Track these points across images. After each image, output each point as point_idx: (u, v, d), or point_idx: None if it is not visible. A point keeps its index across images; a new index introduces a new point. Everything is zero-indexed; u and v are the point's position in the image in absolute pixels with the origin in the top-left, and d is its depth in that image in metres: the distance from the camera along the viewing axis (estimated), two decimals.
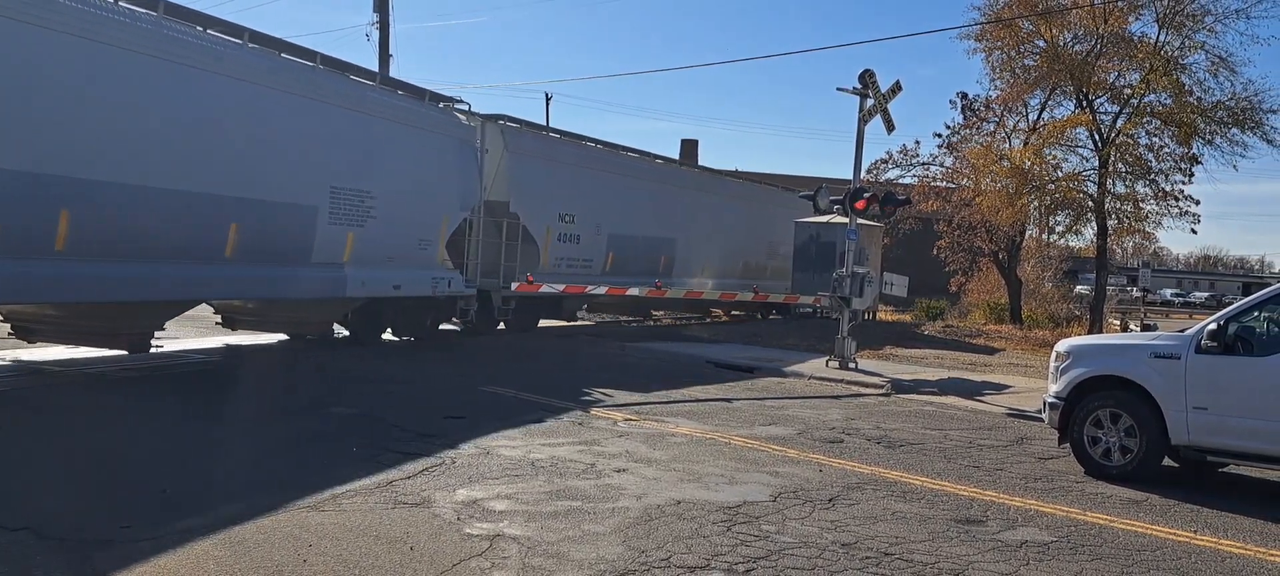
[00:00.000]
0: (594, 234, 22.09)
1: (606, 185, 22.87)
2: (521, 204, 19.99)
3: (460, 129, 18.59)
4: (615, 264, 22.77)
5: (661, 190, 25.37)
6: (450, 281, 17.89)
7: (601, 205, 22.34)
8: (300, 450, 8.83)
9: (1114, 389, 9.64)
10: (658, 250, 24.77)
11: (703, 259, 26.75)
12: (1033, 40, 29.13)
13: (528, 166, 20.33)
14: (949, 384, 16.48)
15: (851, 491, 8.32)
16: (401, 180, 16.30)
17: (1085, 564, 6.69)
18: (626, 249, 23.26)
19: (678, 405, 12.71)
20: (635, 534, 6.71)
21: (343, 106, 15.29)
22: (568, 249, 21.32)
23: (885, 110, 18.73)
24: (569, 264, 21.44)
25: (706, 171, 29.11)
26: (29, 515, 6.36)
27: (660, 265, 24.80)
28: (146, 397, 11.28)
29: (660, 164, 26.53)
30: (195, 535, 6.16)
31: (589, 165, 22.57)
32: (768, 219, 30.35)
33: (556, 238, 20.92)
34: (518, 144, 20.26)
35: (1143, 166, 27.69)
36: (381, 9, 30.67)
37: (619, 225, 23.07)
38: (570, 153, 22.31)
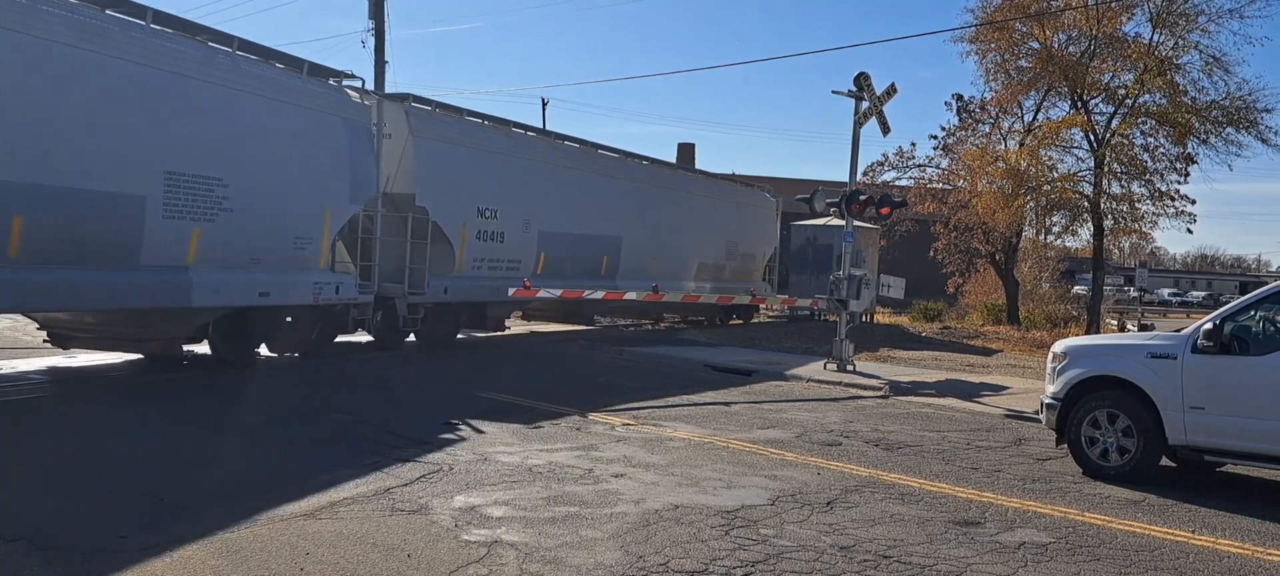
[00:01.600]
0: (522, 231, 19.67)
1: (538, 177, 20.36)
2: (431, 197, 17.31)
3: (350, 108, 15.84)
4: (549, 265, 20.46)
5: (605, 184, 22.88)
6: (338, 287, 15.42)
7: (532, 199, 19.92)
8: (297, 457, 8.82)
9: (1111, 389, 9.65)
10: (600, 250, 22.42)
11: (652, 259, 24.30)
12: (1027, 42, 29.19)
13: (439, 154, 17.72)
14: (947, 385, 16.48)
15: (850, 494, 8.31)
16: (269, 166, 13.85)
17: (1083, 564, 6.68)
18: (562, 248, 20.87)
19: (675, 409, 12.71)
20: (633, 539, 6.70)
21: (186, 75, 12.57)
22: (489, 248, 18.74)
23: (881, 113, 18.75)
24: (491, 265, 18.94)
25: (659, 164, 26.53)
26: (23, 525, 6.35)
27: (602, 266, 22.57)
28: (140, 404, 11.25)
29: (604, 155, 23.86)
30: (191, 543, 6.14)
31: (517, 154, 20.01)
32: (728, 216, 28.48)
33: (475, 235, 18.29)
34: (426, 128, 17.63)
35: (1138, 166, 27.75)
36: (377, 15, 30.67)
37: (553, 221, 20.55)
38: (493, 139, 19.68)
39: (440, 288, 17.67)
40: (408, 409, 11.64)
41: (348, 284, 15.75)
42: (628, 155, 24.81)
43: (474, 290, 18.69)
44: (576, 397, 13.00)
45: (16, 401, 11.19)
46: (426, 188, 17.26)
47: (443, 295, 17.82)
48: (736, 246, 28.61)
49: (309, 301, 15.01)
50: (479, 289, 18.73)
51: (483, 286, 18.72)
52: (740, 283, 28.51)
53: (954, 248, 32.70)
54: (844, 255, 18.46)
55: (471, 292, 18.66)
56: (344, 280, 15.68)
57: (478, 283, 18.65)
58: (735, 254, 28.60)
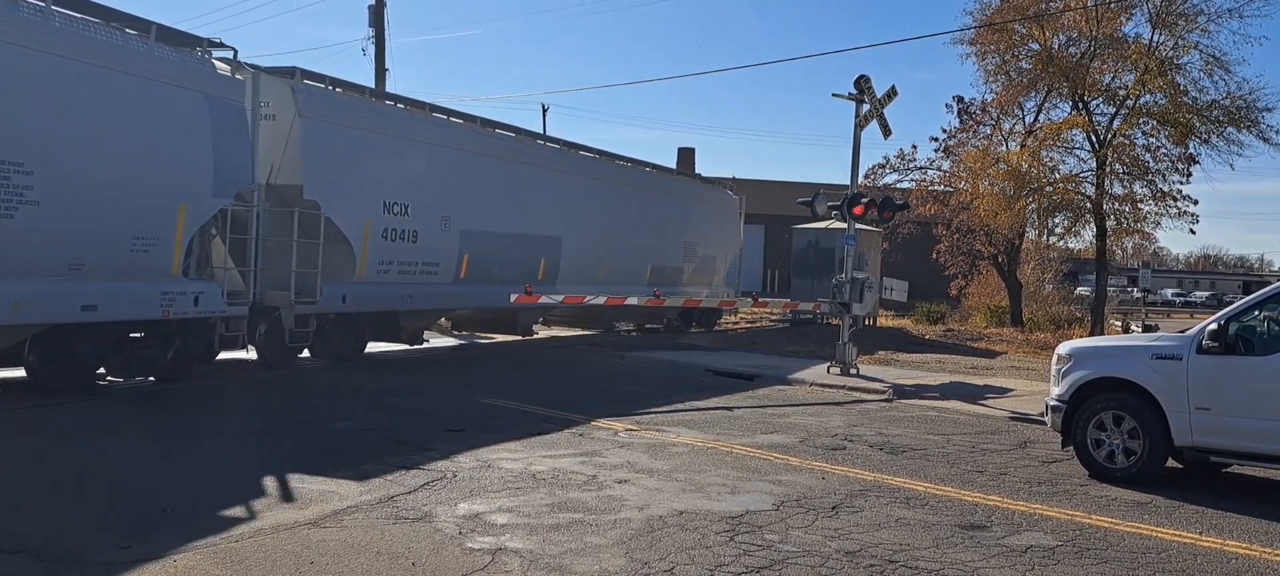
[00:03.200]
0: (440, 230, 17.42)
1: (460, 168, 18.15)
2: (324, 189, 14.93)
3: (215, 81, 13.26)
4: (473, 269, 18.28)
5: (543, 178, 20.61)
6: (198, 297, 12.94)
7: (453, 194, 17.76)
8: (300, 465, 8.78)
9: (1116, 391, 9.61)
10: (536, 251, 20.28)
11: (599, 262, 22.34)
12: (1026, 43, 29.18)
13: (335, 139, 15.28)
14: (951, 388, 16.45)
15: (855, 498, 8.28)
16: (95, 150, 11.55)
17: (1091, 567, 6.65)
18: (489, 250, 18.64)
19: (678, 414, 12.68)
20: (638, 545, 6.67)
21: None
22: (399, 250, 16.50)
23: (881, 115, 18.74)
24: (402, 268, 16.72)
25: (607, 156, 24.04)
26: (25, 537, 6.33)
27: (539, 269, 20.39)
28: (144, 416, 11.23)
29: (543, 146, 21.78)
30: (195, 552, 6.12)
31: (436, 142, 17.80)
32: (686, 215, 26.53)
33: (380, 234, 16.06)
34: (318, 108, 15.16)
35: (1140, 167, 27.71)
36: (377, 24, 30.71)
37: (478, 219, 18.37)
38: (405, 124, 17.43)
39: (337, 295, 15.45)
40: (410, 415, 11.61)
41: (211, 294, 13.27)
42: (569, 146, 22.62)
43: (381, 297, 16.54)
44: (578, 403, 12.97)
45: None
46: (318, 178, 14.89)
47: (340, 304, 15.59)
48: (695, 247, 26.79)
49: (156, 315, 12.41)
50: (387, 296, 16.63)
51: (392, 293, 16.68)
52: (701, 287, 26.79)
53: (956, 250, 32.66)
54: (846, 258, 18.43)
55: (378, 300, 16.51)
56: (205, 289, 13.20)
57: (385, 289, 16.48)
58: (694, 255, 26.75)
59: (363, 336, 17.26)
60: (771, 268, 52.04)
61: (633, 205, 23.97)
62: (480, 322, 21.74)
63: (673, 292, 24.91)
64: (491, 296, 19.37)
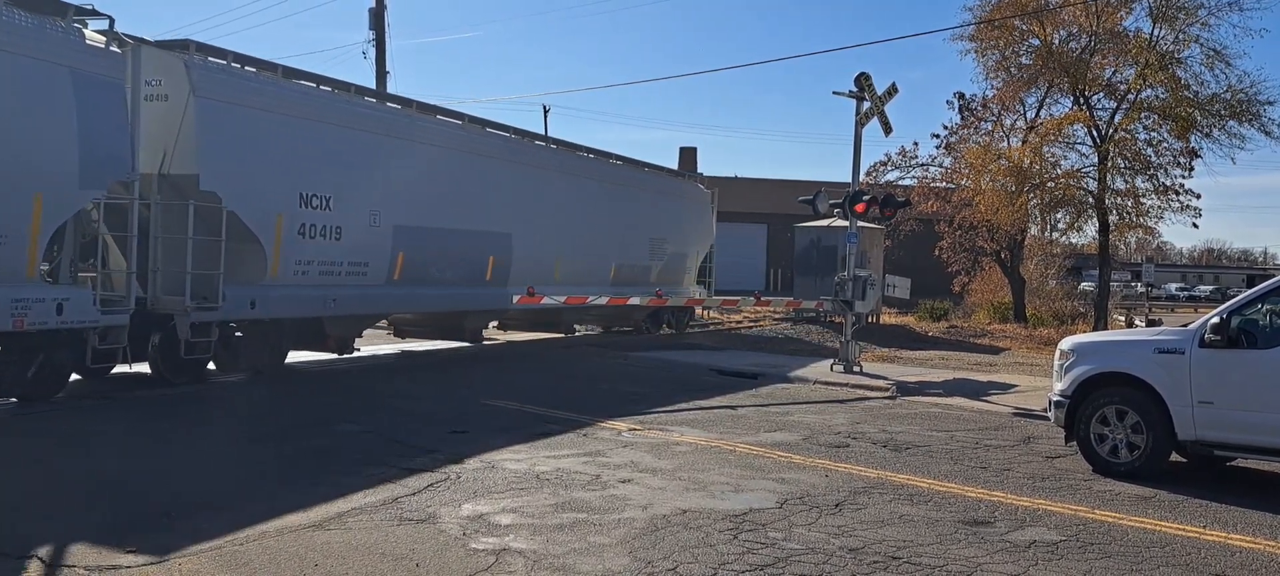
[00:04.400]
0: (368, 226, 15.62)
1: (395, 158, 16.25)
2: (225, 178, 13.15)
3: (83, 54, 11.62)
4: (409, 269, 16.58)
5: (491, 170, 18.70)
6: (62, 304, 11.31)
7: (384, 185, 15.92)
8: (304, 468, 8.80)
9: (1119, 386, 9.61)
10: (483, 249, 18.51)
11: (555, 261, 20.56)
12: (1027, 39, 29.18)
13: (238, 122, 13.46)
14: (954, 385, 16.45)
15: (858, 496, 8.29)
16: None
17: (1095, 562, 6.65)
18: (428, 247, 16.98)
19: (682, 413, 12.69)
20: (642, 544, 6.68)
21: None
22: (320, 248, 14.67)
23: (882, 113, 18.74)
24: (325, 269, 14.90)
25: (564, 147, 22.16)
26: (28, 540, 6.35)
27: (487, 269, 18.66)
28: (149, 419, 11.25)
29: (492, 134, 19.61)
30: (199, 555, 6.14)
31: (360, 126, 15.72)
32: (653, 210, 24.53)
33: (297, 231, 14.23)
34: (217, 86, 13.26)
35: (1142, 161, 27.72)
36: (377, 26, 30.77)
37: (414, 214, 16.66)
38: (323, 106, 15.26)
39: (243, 300, 13.72)
40: (413, 417, 11.63)
41: (78, 301, 11.59)
42: (523, 135, 20.75)
43: (299, 301, 14.66)
44: (581, 404, 12.98)
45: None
46: (219, 167, 13.11)
47: (247, 310, 13.85)
48: (664, 244, 24.87)
49: (8, 327, 10.82)
50: (307, 300, 14.76)
51: (312, 297, 14.80)
52: (670, 286, 24.87)
53: (959, 247, 32.65)
54: (848, 256, 18.44)
55: (295, 305, 14.64)
56: (70, 295, 11.54)
57: (304, 292, 14.63)
58: (662, 253, 24.83)
59: (281, 346, 15.22)
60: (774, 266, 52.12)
61: (594, 199, 22.10)
62: (424, 328, 19.77)
63: (642, 292, 22.94)
64: (432, 299, 17.80)
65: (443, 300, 18.00)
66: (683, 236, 25.99)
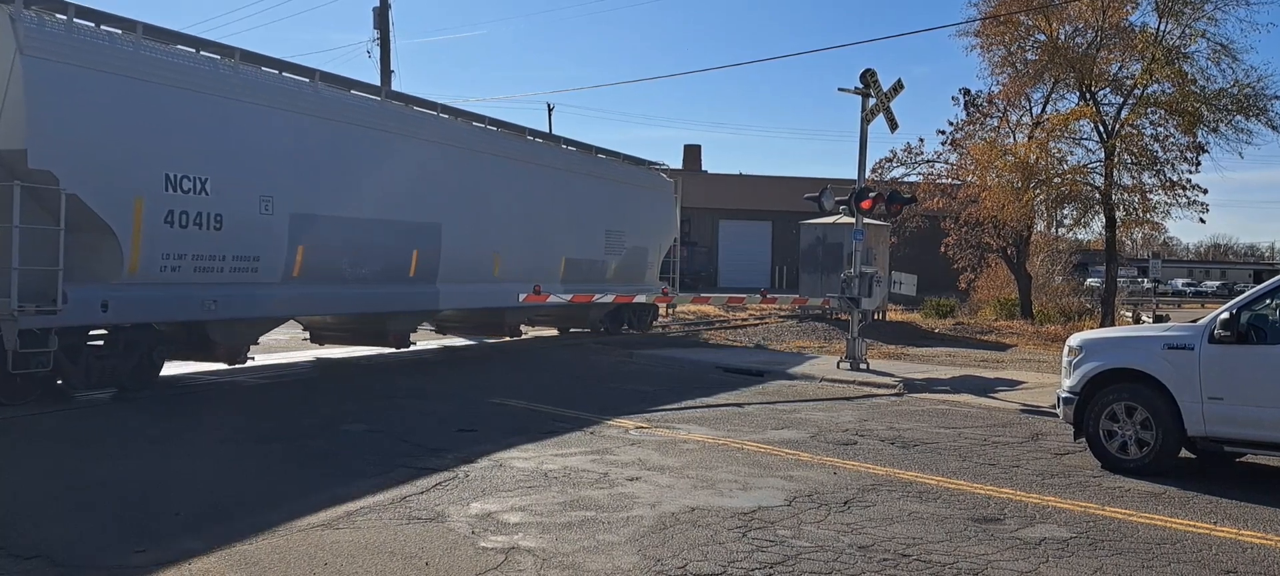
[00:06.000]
0: (258, 214, 13.48)
1: (289, 135, 14.07)
2: (64, 155, 11.09)
3: None
4: (311, 265, 14.40)
5: (414, 151, 16.55)
6: None
7: (276, 167, 13.78)
8: (313, 467, 8.82)
9: (1128, 382, 9.58)
10: (406, 241, 16.40)
11: (491, 254, 18.57)
12: (1032, 35, 29.10)
13: (82, 88, 11.32)
14: (961, 382, 16.41)
15: (867, 493, 8.27)
16: None
17: (1105, 559, 6.63)
18: (335, 239, 14.84)
19: (689, 411, 12.68)
20: (650, 542, 6.68)
21: None
22: (194, 239, 12.57)
23: (887, 109, 18.70)
24: (202, 264, 12.78)
25: (506, 129, 19.85)
26: (41, 542, 6.37)
27: (410, 264, 16.53)
28: (155, 420, 11.27)
29: (412, 112, 17.36)
30: (209, 556, 6.14)
31: (245, 96, 13.46)
32: (608, 200, 22.55)
33: (162, 218, 12.11)
34: (53, 45, 11.09)
35: (1149, 157, 27.60)
36: (382, 26, 30.83)
37: (317, 201, 14.44)
38: (198, 73, 12.88)
39: (93, 302, 11.67)
40: (421, 416, 11.64)
41: None
42: (456, 114, 18.59)
43: (169, 303, 12.55)
44: (588, 402, 12.98)
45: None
46: (55, 140, 11.04)
47: (99, 314, 11.73)
48: (621, 238, 22.85)
49: None
50: (179, 302, 12.65)
51: (186, 298, 12.69)
52: (628, 284, 22.98)
53: (965, 243, 32.59)
54: (854, 253, 18.41)
55: (163, 307, 12.57)
56: None
57: (176, 292, 12.53)
58: (619, 248, 22.84)
59: (152, 356, 13.04)
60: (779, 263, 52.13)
61: (541, 188, 20.03)
62: (344, 332, 17.51)
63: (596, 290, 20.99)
64: (343, 299, 15.57)
65: (356, 301, 15.76)
66: (642, 229, 24.01)
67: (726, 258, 53.44)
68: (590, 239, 21.91)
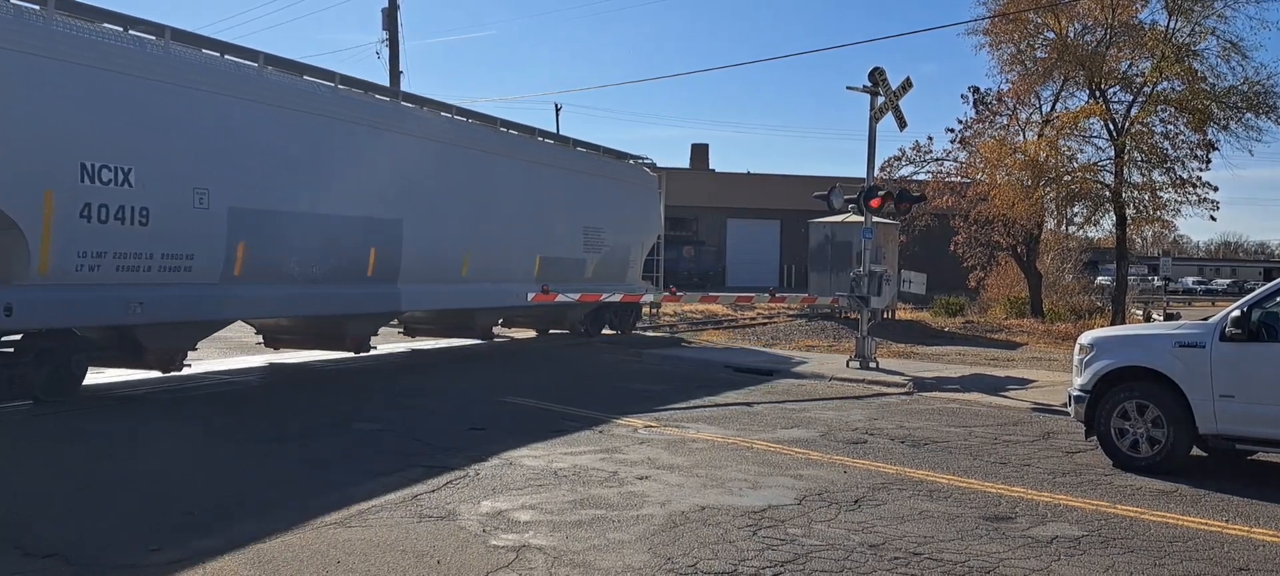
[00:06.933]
0: (191, 207, 12.36)
1: (228, 122, 12.97)
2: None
3: None
4: (256, 262, 13.35)
5: (372, 141, 15.39)
6: None
7: (211, 156, 12.67)
8: (324, 466, 8.85)
9: (1139, 380, 9.54)
10: (362, 238, 15.25)
11: (459, 252, 17.50)
12: (1041, 33, 29.03)
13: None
14: (971, 380, 16.38)
15: (877, 492, 8.27)
16: None
17: (1117, 557, 6.62)
18: (279, 235, 13.72)
19: (698, 410, 12.68)
20: (661, 541, 6.69)
21: None
22: (116, 235, 11.44)
23: (897, 107, 18.70)
24: (126, 262, 11.66)
25: (477, 120, 18.92)
26: (56, 541, 6.41)
27: (367, 262, 15.43)
28: (168, 419, 11.32)
29: (371, 100, 16.27)
30: (223, 555, 6.18)
31: (177, 78, 12.32)
32: (587, 195, 21.46)
33: (78, 212, 11.03)
34: None
35: (1159, 155, 27.53)
36: (390, 27, 30.88)
37: (260, 193, 13.38)
38: (118, 51, 11.72)
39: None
40: (432, 415, 11.66)
41: None
42: (423, 103, 17.73)
43: (87, 306, 11.48)
44: (597, 401, 13.00)
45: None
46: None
47: (3, 318, 10.64)
48: (600, 235, 21.81)
49: None
50: (98, 303, 11.57)
51: (107, 299, 11.60)
52: (608, 283, 22.00)
53: (974, 241, 32.51)
54: (863, 252, 18.40)
55: (80, 310, 11.50)
56: None
57: (95, 294, 11.46)
58: (599, 245, 21.78)
59: (70, 364, 12.00)
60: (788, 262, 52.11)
61: (513, 182, 18.89)
62: (301, 335, 16.47)
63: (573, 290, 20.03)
64: (291, 300, 14.41)
65: (308, 302, 14.60)
66: (624, 226, 22.93)
67: (734, 257, 53.45)
68: (567, 236, 20.89)
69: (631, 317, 24.31)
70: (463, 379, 15.43)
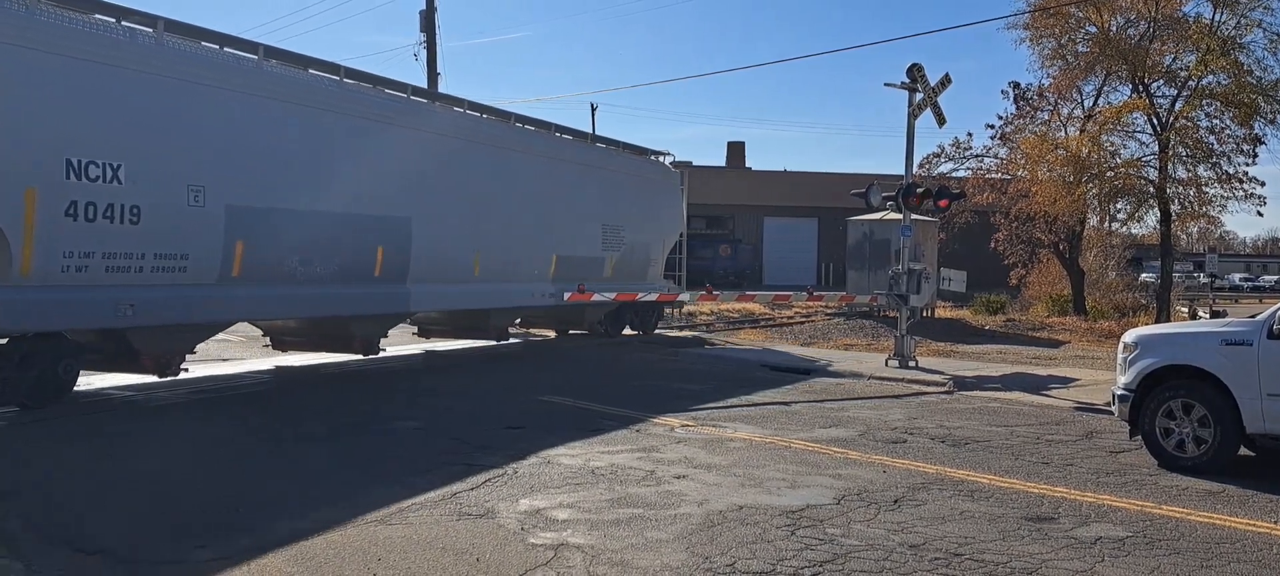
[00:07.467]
0: (186, 205, 11.88)
1: (226, 117, 12.53)
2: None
3: None
4: (256, 262, 12.91)
5: (379, 136, 14.88)
6: None
7: (208, 151, 12.23)
8: (365, 464, 8.94)
9: (1185, 378, 9.40)
10: (369, 237, 14.80)
11: (470, 251, 16.93)
12: (1083, 27, 28.64)
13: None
14: (1013, 379, 16.21)
15: (917, 492, 8.20)
16: None
17: (1163, 559, 6.52)
18: (279, 234, 13.23)
19: (734, 410, 12.66)
20: (698, 540, 6.68)
21: None
22: (105, 234, 11.00)
23: (935, 104, 18.53)
24: (116, 263, 11.20)
25: (491, 114, 18.32)
26: (105, 537, 6.53)
27: (375, 262, 14.94)
28: (209, 420, 11.49)
29: (389, 96, 15.81)
30: (267, 552, 6.26)
31: (167, 69, 11.85)
32: (606, 192, 20.86)
33: (63, 211, 10.58)
34: None
35: (1204, 149, 27.09)
36: (428, 29, 31.10)
37: (259, 191, 12.91)
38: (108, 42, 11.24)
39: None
40: (470, 414, 11.74)
41: None
42: (434, 97, 17.15)
43: (74, 308, 11.02)
44: (631, 400, 13.01)
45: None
46: None
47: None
48: (619, 233, 21.12)
49: None
50: (87, 306, 11.10)
51: (95, 301, 11.13)
52: (630, 283, 21.47)
53: (1015, 239, 32.14)
54: (902, 249, 18.27)
55: (67, 313, 11.04)
56: None
57: (82, 296, 11.00)
58: (618, 243, 21.11)
59: (57, 368, 11.45)
60: (825, 260, 51.81)
61: (528, 179, 18.37)
62: (307, 337, 16.09)
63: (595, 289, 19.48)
64: (294, 302, 13.91)
65: (311, 303, 14.13)
66: (644, 224, 22.24)
67: (771, 255, 53.23)
68: (585, 234, 20.19)
69: (654, 318, 23.78)
70: (491, 378, 15.50)
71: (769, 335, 24.59)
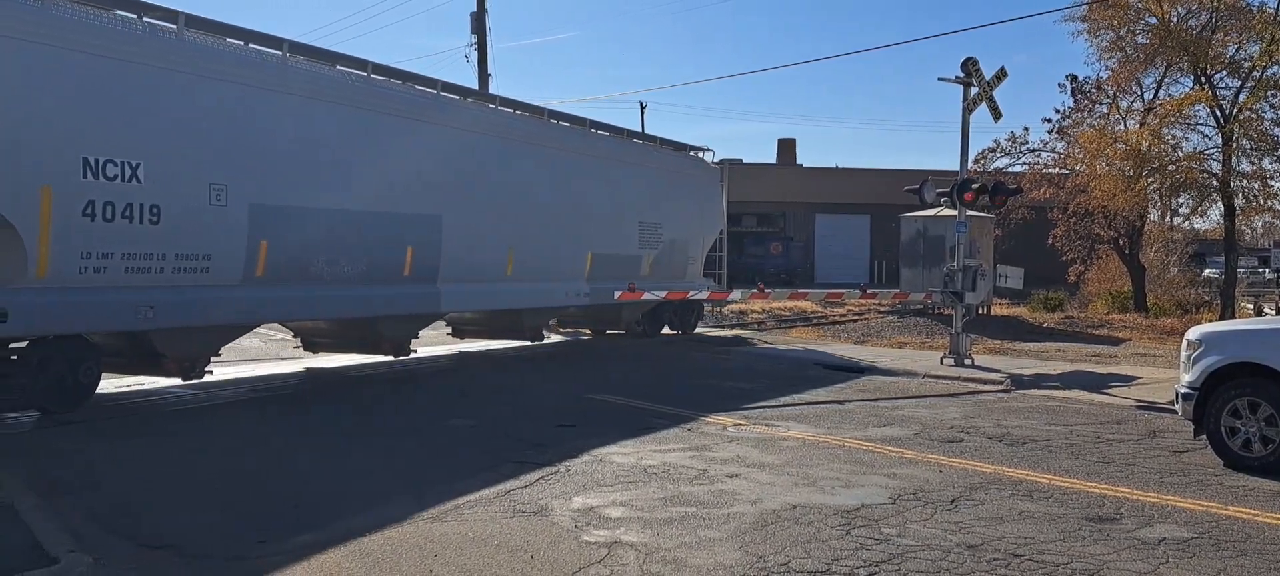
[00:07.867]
0: (208, 204, 11.70)
1: (249, 114, 12.29)
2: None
3: None
4: (281, 262, 12.69)
5: (406, 132, 14.59)
6: None
7: (230, 149, 11.99)
8: (421, 462, 9.05)
9: (1251, 376, 9.15)
10: (398, 235, 14.53)
11: (502, 249, 16.59)
12: (1142, 18, 28.02)
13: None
14: (1072, 377, 15.91)
15: (974, 491, 8.09)
16: None
17: (1229, 560, 6.36)
18: (305, 233, 13.04)
19: (787, 408, 12.59)
20: (752, 539, 6.66)
21: None
22: (125, 234, 10.78)
23: (990, 98, 18.27)
24: (136, 264, 10.97)
25: (524, 110, 18.04)
26: (169, 533, 6.69)
27: (404, 261, 14.69)
28: (253, 420, 11.70)
29: (418, 92, 15.40)
30: (326, 547, 6.36)
31: (192, 68, 11.62)
32: (643, 189, 20.50)
33: (81, 211, 10.36)
34: None
35: (1269, 142, 26.34)
36: (479, 31, 31.34)
37: (283, 189, 12.70)
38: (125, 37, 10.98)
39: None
40: (522, 412, 11.81)
41: None
42: (465, 93, 16.93)
43: (92, 310, 10.76)
44: (682, 399, 12.99)
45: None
46: None
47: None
48: (657, 231, 20.74)
49: None
50: (106, 308, 10.85)
51: (115, 303, 10.91)
52: (668, 281, 21.03)
53: (1073, 235, 31.52)
54: (957, 246, 18.02)
55: (85, 315, 10.77)
56: None
57: (101, 298, 10.75)
58: (655, 241, 20.72)
59: (77, 372, 11.06)
60: (878, 258, 51.29)
61: (562, 175, 18.01)
62: (334, 338, 15.82)
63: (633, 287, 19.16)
64: (321, 303, 13.60)
65: (338, 304, 13.83)
66: (683, 221, 21.80)
67: (823, 252, 52.81)
68: (621, 232, 19.82)
69: (693, 317, 23.33)
70: (535, 377, 15.56)
71: (821, 333, 24.41)
